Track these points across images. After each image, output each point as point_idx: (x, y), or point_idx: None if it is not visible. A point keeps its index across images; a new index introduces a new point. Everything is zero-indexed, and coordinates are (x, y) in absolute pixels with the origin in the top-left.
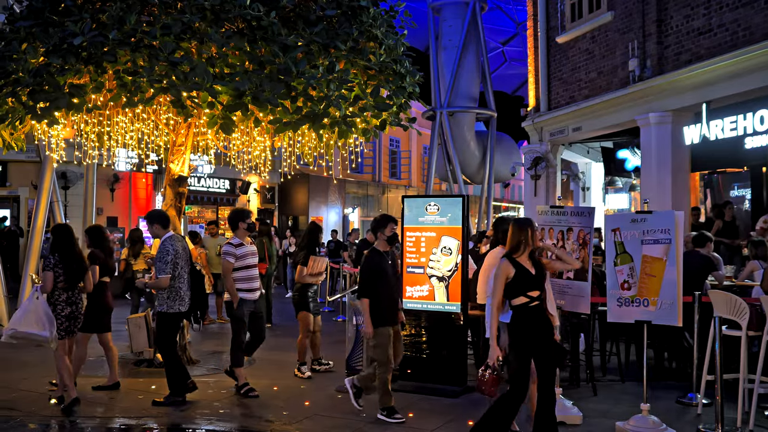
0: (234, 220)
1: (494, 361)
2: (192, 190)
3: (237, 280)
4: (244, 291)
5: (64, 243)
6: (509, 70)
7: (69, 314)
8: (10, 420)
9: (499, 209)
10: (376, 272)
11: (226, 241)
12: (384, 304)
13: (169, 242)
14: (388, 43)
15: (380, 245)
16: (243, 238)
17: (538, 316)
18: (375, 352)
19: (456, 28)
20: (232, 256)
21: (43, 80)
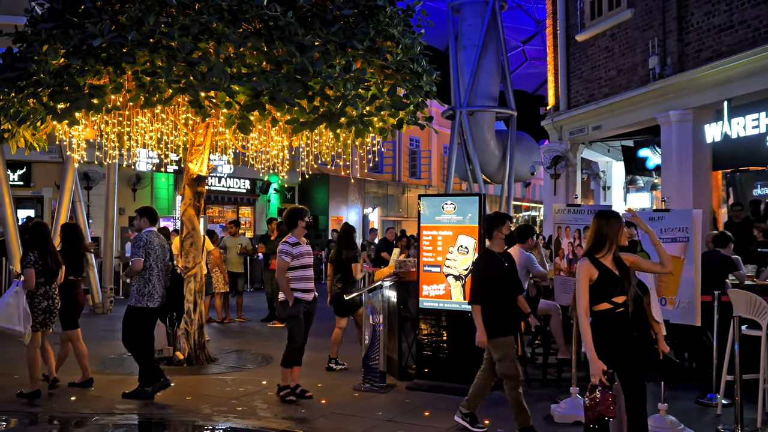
0: (293, 219)
1: (599, 376)
2: (212, 190)
3: (292, 280)
4: (299, 291)
5: (41, 240)
6: (529, 69)
7: (45, 308)
8: (32, 416)
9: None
10: (488, 276)
11: (283, 240)
12: (501, 310)
13: (146, 233)
14: (405, 42)
15: (495, 245)
16: (300, 237)
17: (624, 325)
18: (501, 366)
19: (475, 27)
20: (288, 255)
21: (64, 81)
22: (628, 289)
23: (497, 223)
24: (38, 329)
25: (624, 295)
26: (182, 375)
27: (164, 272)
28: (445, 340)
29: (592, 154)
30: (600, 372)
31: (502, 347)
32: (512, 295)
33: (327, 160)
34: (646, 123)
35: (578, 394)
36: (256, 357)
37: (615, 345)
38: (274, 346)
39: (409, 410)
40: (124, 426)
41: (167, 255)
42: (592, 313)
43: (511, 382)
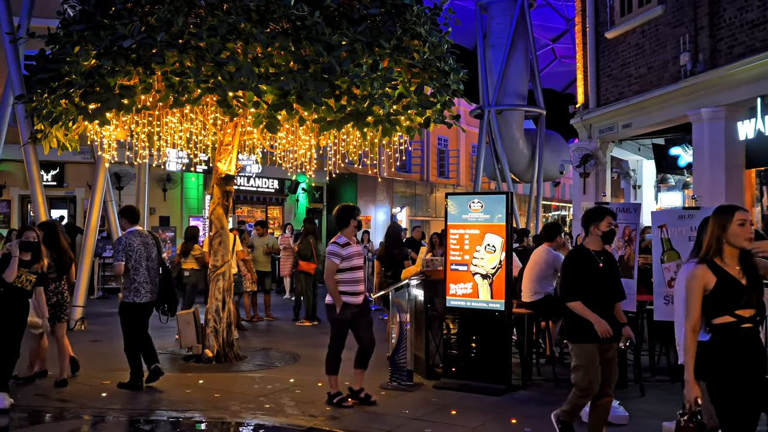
0: (344, 217)
1: (691, 403)
2: (241, 189)
3: (341, 283)
4: (347, 294)
5: (52, 238)
6: (559, 68)
7: (55, 303)
8: (64, 411)
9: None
10: (578, 274)
11: (332, 241)
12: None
13: (125, 235)
14: (432, 41)
15: (591, 243)
16: (350, 236)
17: (751, 344)
18: (574, 374)
19: (504, 26)
20: (337, 256)
21: (95, 82)
22: (756, 300)
23: (595, 218)
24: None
25: (751, 307)
26: (211, 372)
27: (152, 268)
28: (472, 339)
29: (622, 153)
30: (693, 398)
31: (580, 355)
32: (606, 300)
33: (354, 160)
34: (677, 120)
35: None
36: (284, 355)
37: (740, 367)
38: (301, 345)
39: (437, 409)
40: (154, 422)
41: (152, 251)
42: (711, 328)
43: (579, 393)
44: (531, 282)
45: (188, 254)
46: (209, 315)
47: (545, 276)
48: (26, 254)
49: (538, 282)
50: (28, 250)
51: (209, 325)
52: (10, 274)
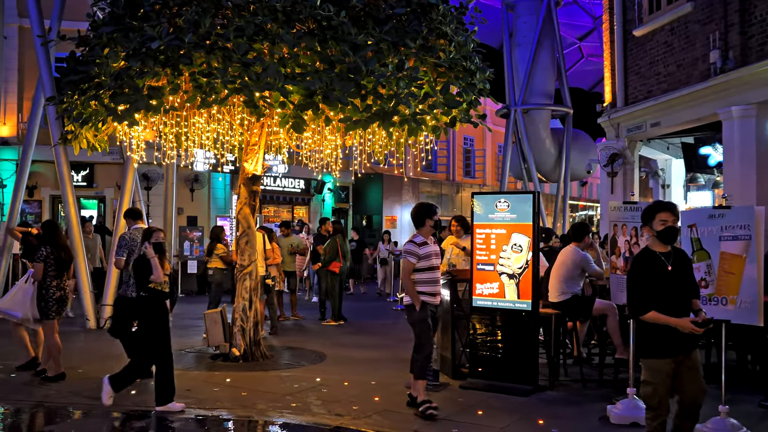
0: (421, 216)
1: None
2: (268, 190)
3: (418, 283)
4: (426, 294)
5: (52, 237)
6: (586, 66)
7: (58, 298)
8: (93, 409)
9: (575, 208)
10: (647, 285)
11: (408, 240)
12: (661, 325)
13: (129, 231)
14: (458, 40)
15: (655, 244)
16: (427, 236)
17: None
18: (643, 389)
19: (530, 25)
20: (413, 255)
21: (124, 83)
22: None
23: (647, 217)
24: (53, 317)
25: None
26: (238, 371)
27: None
28: (499, 339)
29: (650, 152)
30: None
31: (652, 370)
32: (682, 304)
33: (380, 159)
34: (707, 119)
35: (635, 395)
36: (310, 354)
37: None
38: (327, 344)
39: (463, 409)
40: (181, 420)
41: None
42: None
43: (649, 413)
44: (558, 282)
45: (212, 253)
46: (236, 314)
47: (572, 276)
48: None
49: (565, 282)
50: (160, 252)
51: (236, 324)
52: (159, 275)
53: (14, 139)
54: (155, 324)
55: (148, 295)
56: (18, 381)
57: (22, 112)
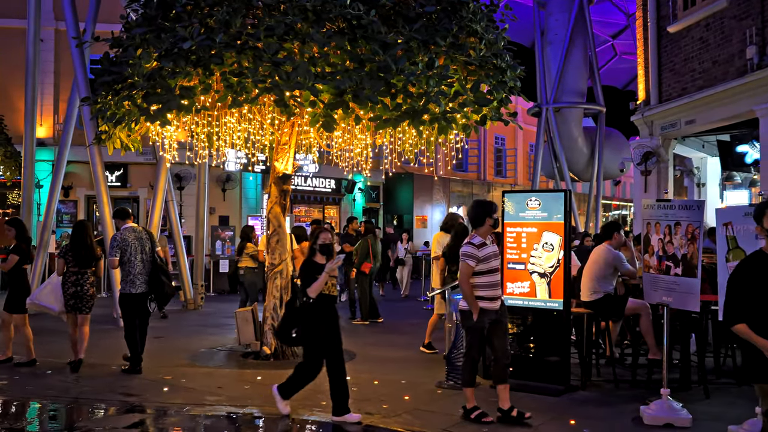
0: (480, 215)
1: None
2: (299, 189)
3: (477, 287)
4: (485, 300)
5: (76, 235)
6: (620, 64)
7: (73, 293)
8: (127, 405)
9: (609, 207)
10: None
11: (466, 241)
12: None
13: (120, 232)
14: (489, 38)
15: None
16: (486, 236)
17: None
18: (765, 420)
19: (562, 22)
20: (472, 258)
21: (156, 83)
22: None
23: (758, 214)
24: (69, 311)
25: None
26: (269, 369)
27: (146, 261)
28: (530, 339)
29: (685, 150)
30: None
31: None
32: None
33: (410, 158)
34: (743, 116)
35: (669, 396)
36: None
37: None
38: (357, 343)
39: (494, 408)
40: (213, 417)
41: (146, 246)
42: None
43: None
44: (590, 281)
45: (242, 252)
46: (267, 312)
47: (605, 275)
48: (323, 257)
49: (597, 281)
50: (328, 254)
51: (267, 322)
52: (317, 288)
53: (50, 140)
54: (325, 330)
55: (315, 300)
56: (55, 378)
57: (58, 113)
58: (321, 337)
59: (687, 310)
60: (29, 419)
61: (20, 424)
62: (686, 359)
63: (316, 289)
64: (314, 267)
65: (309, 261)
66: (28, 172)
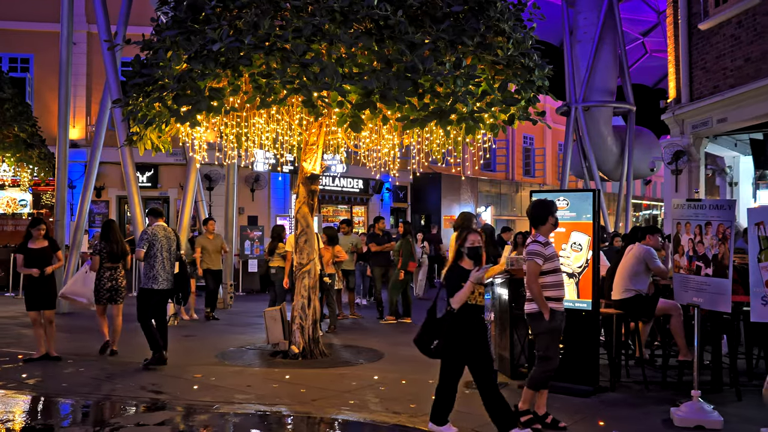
0: (542, 214)
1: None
2: (326, 189)
3: (545, 287)
4: (553, 300)
5: (107, 233)
6: (650, 62)
7: (110, 287)
8: (158, 402)
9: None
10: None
11: (530, 240)
12: None
13: (151, 228)
14: (516, 37)
15: None
16: (548, 235)
17: None
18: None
19: (591, 20)
20: (539, 256)
21: (186, 85)
22: None
23: None
24: (104, 303)
25: None
26: (297, 368)
27: (169, 259)
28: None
29: (717, 149)
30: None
31: None
32: None
33: (438, 158)
34: None
35: (700, 398)
36: (368, 352)
37: None
38: (385, 343)
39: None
40: (242, 415)
41: (173, 245)
42: None
43: None
44: (622, 279)
45: (274, 252)
46: (295, 312)
47: (637, 272)
48: (470, 262)
49: (629, 279)
50: (475, 259)
51: (295, 321)
52: (461, 298)
53: (83, 142)
54: (469, 345)
55: (459, 311)
56: (86, 375)
57: (90, 115)
58: (461, 354)
59: (718, 311)
60: (62, 416)
61: (53, 420)
62: (717, 361)
63: (460, 300)
64: (460, 273)
65: (455, 266)
66: (61, 173)
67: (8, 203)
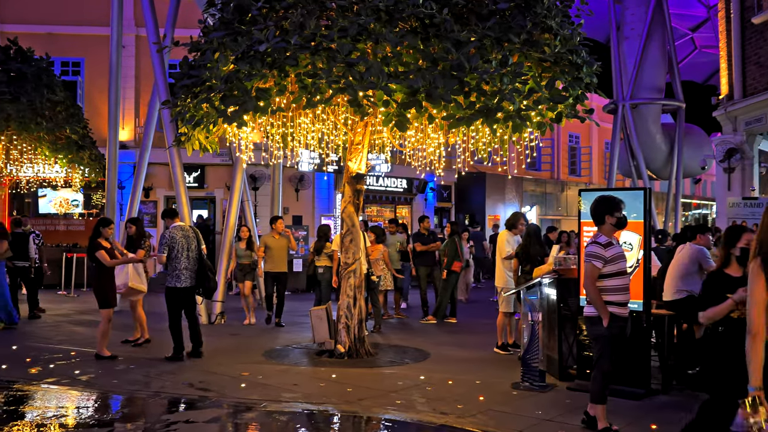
0: (599, 213)
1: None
2: (370, 189)
3: (605, 291)
4: (614, 305)
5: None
6: (699, 58)
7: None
8: (206, 400)
9: (688, 206)
10: None
11: (590, 240)
12: None
13: (169, 230)
14: (564, 34)
15: None
16: (610, 235)
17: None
18: None
19: (639, 16)
20: (599, 258)
21: (233, 86)
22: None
23: None
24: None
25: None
26: (343, 367)
27: (191, 258)
28: None
29: None
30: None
31: None
32: None
33: (484, 157)
34: None
35: None
36: (413, 352)
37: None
38: (430, 343)
39: (570, 411)
40: (289, 413)
41: (193, 243)
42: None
43: None
44: (673, 279)
45: (321, 252)
46: (341, 311)
47: (689, 272)
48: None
49: (681, 279)
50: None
51: (341, 321)
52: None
53: (132, 143)
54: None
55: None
56: (137, 372)
57: (139, 116)
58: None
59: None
60: (113, 412)
61: (106, 416)
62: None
63: (713, 316)
64: (724, 282)
65: (718, 273)
66: (111, 174)
67: (61, 203)
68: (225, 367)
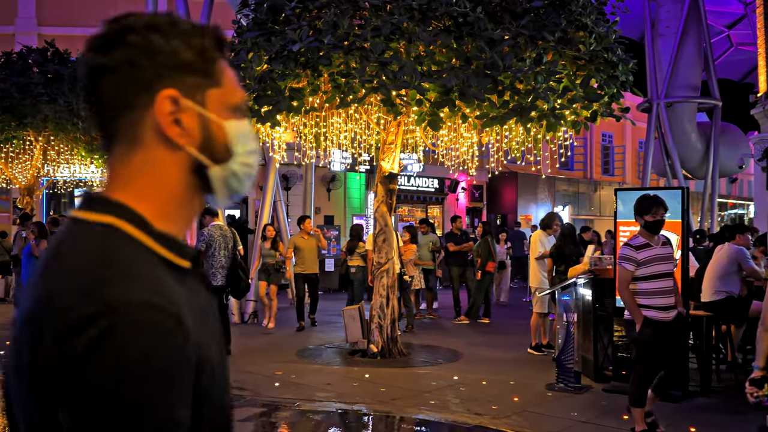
0: (636, 212)
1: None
2: (402, 189)
3: (639, 294)
4: (651, 309)
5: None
6: (735, 56)
7: None
8: (240, 399)
9: (724, 206)
10: None
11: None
12: None
13: (208, 228)
14: (599, 32)
15: None
16: (648, 237)
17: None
18: None
19: (674, 14)
20: (630, 261)
21: (267, 86)
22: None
23: None
24: None
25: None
26: (376, 367)
27: (227, 257)
28: None
29: None
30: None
31: None
32: None
33: (517, 156)
34: None
35: None
36: (446, 353)
37: None
38: (463, 343)
39: (605, 412)
40: (323, 413)
41: (229, 243)
42: None
43: None
44: (712, 280)
45: (354, 251)
46: (374, 311)
47: (728, 273)
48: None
49: (720, 279)
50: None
51: (374, 320)
52: None
53: None
54: None
55: None
56: None
57: None
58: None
59: None
60: None
61: None
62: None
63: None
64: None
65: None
66: None
67: None
68: (259, 366)
